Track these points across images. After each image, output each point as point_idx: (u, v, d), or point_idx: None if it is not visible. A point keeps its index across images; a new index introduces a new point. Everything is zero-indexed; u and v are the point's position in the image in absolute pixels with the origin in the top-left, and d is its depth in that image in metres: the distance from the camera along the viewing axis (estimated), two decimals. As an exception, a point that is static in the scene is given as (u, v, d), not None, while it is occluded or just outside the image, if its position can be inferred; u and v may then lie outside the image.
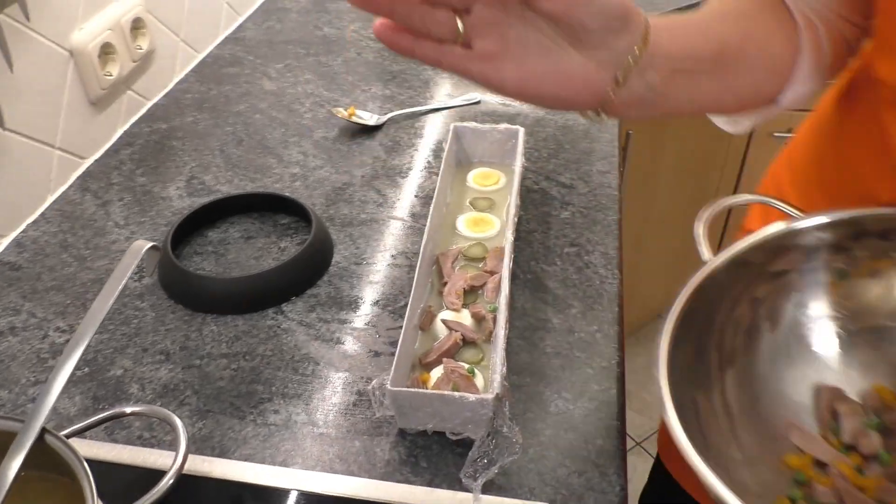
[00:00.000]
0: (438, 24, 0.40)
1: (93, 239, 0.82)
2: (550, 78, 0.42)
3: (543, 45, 0.41)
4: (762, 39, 0.52)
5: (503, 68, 0.41)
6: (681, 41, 0.46)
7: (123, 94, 1.00)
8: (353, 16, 1.30)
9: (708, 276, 0.50)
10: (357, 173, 0.90)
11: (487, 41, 0.40)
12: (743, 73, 0.51)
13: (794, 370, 0.53)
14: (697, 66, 0.47)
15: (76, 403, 0.63)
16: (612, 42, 0.41)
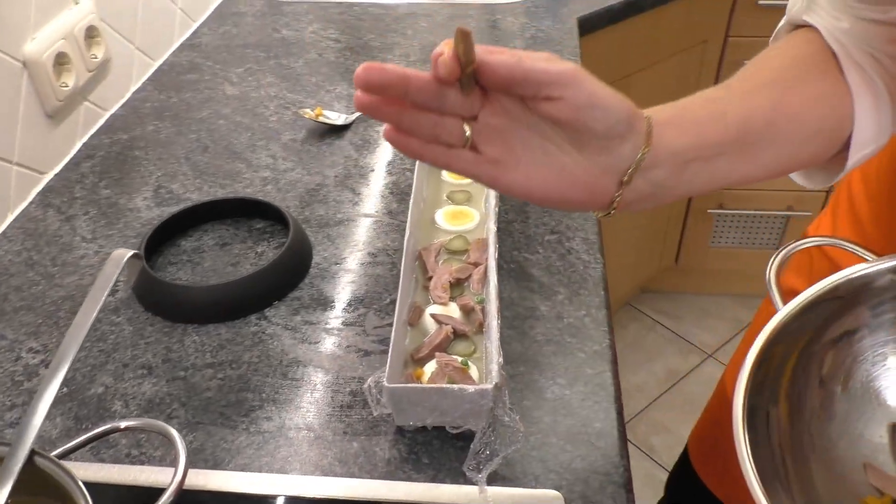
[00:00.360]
0: (446, 132, 0.40)
1: (59, 255, 0.79)
2: (556, 183, 0.42)
3: (549, 149, 0.41)
4: (797, 107, 0.49)
5: (510, 173, 0.42)
6: (691, 133, 0.45)
7: (80, 105, 0.97)
8: (310, 17, 1.29)
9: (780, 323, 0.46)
10: (329, 173, 0.89)
11: (494, 147, 0.41)
12: (771, 148, 0.48)
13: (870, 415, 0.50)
14: (713, 151, 0.46)
15: (57, 425, 0.61)
16: (615, 146, 0.41)
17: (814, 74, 0.50)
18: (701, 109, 0.46)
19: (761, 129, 0.47)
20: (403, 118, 0.40)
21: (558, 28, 1.20)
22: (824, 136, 0.51)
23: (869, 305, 0.50)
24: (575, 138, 0.41)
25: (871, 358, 0.51)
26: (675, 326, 2.04)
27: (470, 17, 1.26)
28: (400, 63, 1.12)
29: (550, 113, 0.39)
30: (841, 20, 0.51)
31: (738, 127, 0.46)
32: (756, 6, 1.50)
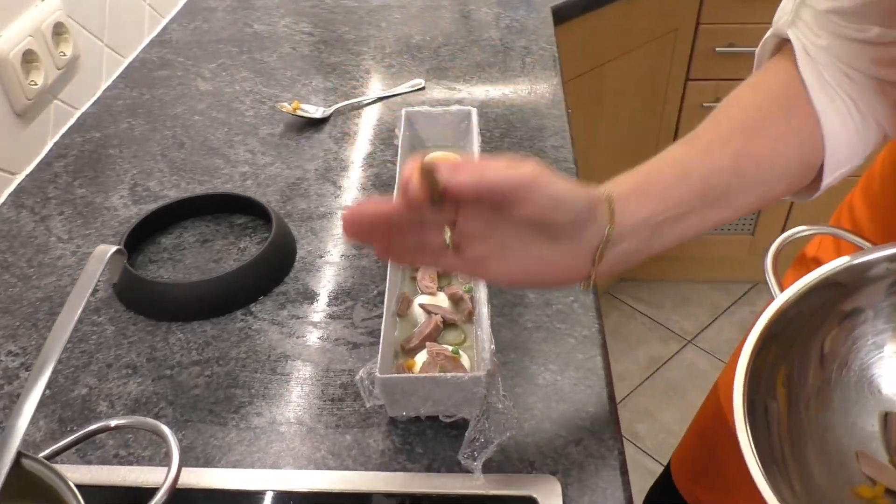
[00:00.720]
0: (429, 241, 0.44)
1: (35, 256, 0.77)
2: (534, 271, 0.45)
3: (524, 243, 0.44)
4: (762, 153, 0.50)
5: (492, 268, 0.45)
6: (655, 199, 0.47)
7: (50, 104, 0.94)
8: (282, 11, 1.27)
9: (778, 311, 0.47)
10: (310, 167, 0.88)
11: (475, 247, 0.44)
12: (740, 194, 0.50)
13: (861, 405, 0.50)
14: (680, 210, 0.48)
15: (41, 428, 0.60)
16: (582, 232, 0.44)
17: (780, 115, 0.52)
18: (664, 173, 0.48)
19: (727, 181, 0.49)
20: (391, 242, 0.44)
21: (532, 17, 1.20)
22: (795, 171, 0.52)
23: (865, 294, 0.51)
24: (545, 231, 0.44)
25: (867, 346, 0.51)
26: (654, 314, 2.05)
27: (443, 7, 1.25)
28: (376, 55, 1.11)
29: (518, 214, 0.42)
30: (820, 37, 0.52)
31: (702, 183, 0.48)
32: (726, -7, 1.51)
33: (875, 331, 0.51)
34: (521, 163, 0.42)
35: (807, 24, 0.53)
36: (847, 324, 0.51)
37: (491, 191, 0.41)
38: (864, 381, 0.51)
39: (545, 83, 1.02)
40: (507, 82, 1.02)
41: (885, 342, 0.51)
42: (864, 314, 0.51)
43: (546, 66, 1.06)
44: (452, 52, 1.11)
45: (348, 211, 0.42)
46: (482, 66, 1.07)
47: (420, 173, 0.40)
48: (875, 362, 0.51)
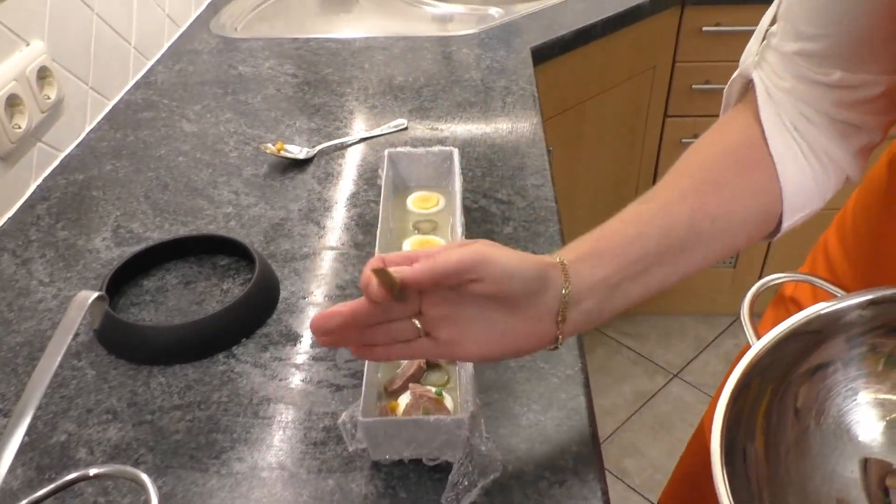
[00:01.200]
0: (401, 332, 0.47)
1: (16, 300, 0.76)
2: (504, 343, 0.48)
3: (488, 318, 0.47)
4: (719, 208, 0.52)
5: (465, 348, 0.48)
6: (610, 261, 0.49)
7: (34, 147, 0.95)
8: (266, 53, 1.29)
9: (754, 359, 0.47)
10: (293, 208, 0.88)
11: (444, 331, 0.47)
12: (698, 248, 0.52)
13: (839, 452, 0.51)
14: (637, 269, 0.50)
15: (18, 476, 0.59)
16: (539, 299, 0.47)
17: (737, 169, 0.53)
18: (618, 234, 0.51)
19: (684, 238, 0.51)
20: (363, 339, 0.47)
21: (513, 58, 1.22)
22: (753, 223, 0.54)
23: (840, 340, 0.51)
24: (503, 303, 0.46)
25: (842, 392, 0.52)
26: (639, 348, 2.06)
27: (425, 48, 1.28)
28: (359, 96, 1.13)
29: (476, 291, 0.45)
30: (784, 79, 0.53)
31: (657, 242, 0.50)
32: (700, 33, 1.55)
33: (847, 378, 0.52)
34: (470, 244, 0.46)
35: (771, 66, 0.54)
36: (819, 375, 0.51)
37: (445, 274, 0.44)
38: (841, 428, 0.51)
39: (525, 122, 1.03)
40: (488, 122, 1.04)
41: (859, 389, 0.52)
42: (833, 365, 0.51)
43: (526, 105, 1.08)
44: (434, 93, 1.13)
45: (317, 317, 0.45)
46: (464, 106, 1.08)
47: (376, 276, 0.43)
48: (851, 409, 0.52)
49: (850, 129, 0.53)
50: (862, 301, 0.49)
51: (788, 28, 0.52)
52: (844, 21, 0.49)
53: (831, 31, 0.49)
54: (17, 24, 0.91)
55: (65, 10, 1.01)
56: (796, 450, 0.50)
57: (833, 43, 0.50)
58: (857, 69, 0.50)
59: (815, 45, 0.51)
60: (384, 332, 0.47)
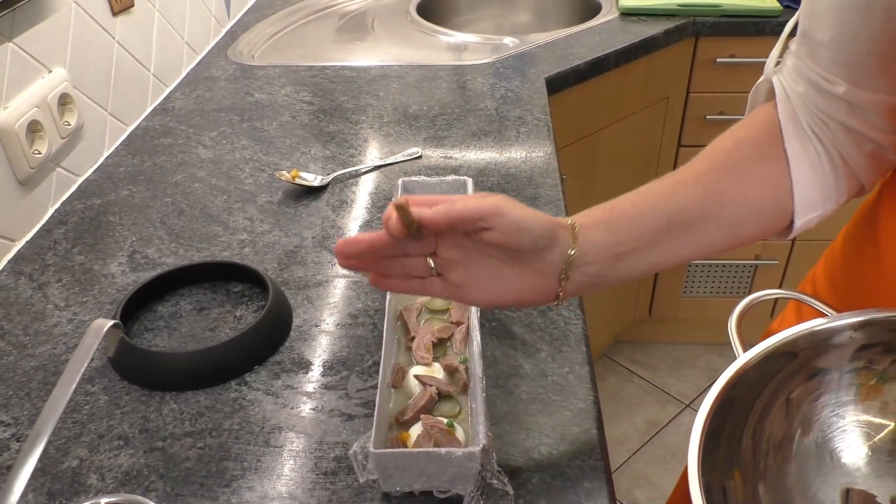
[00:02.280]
0: (415, 268, 0.51)
1: (32, 324, 0.77)
2: (508, 291, 0.52)
3: (496, 267, 0.51)
4: (731, 193, 0.54)
5: (471, 291, 0.52)
6: (619, 230, 0.52)
7: (53, 172, 0.96)
8: (283, 80, 1.31)
9: (739, 372, 0.48)
10: (307, 235, 0.89)
11: (455, 273, 0.51)
12: (706, 231, 0.54)
13: (823, 474, 0.51)
14: (644, 242, 0.52)
15: (30, 502, 0.59)
16: (545, 255, 0.50)
17: (753, 159, 0.55)
18: (630, 207, 0.53)
19: (693, 216, 0.53)
20: (380, 267, 0.51)
21: (527, 88, 1.23)
22: (766, 214, 0.55)
23: (828, 362, 0.51)
24: (512, 255, 0.50)
25: (827, 418, 0.52)
26: (651, 377, 2.04)
27: (440, 77, 1.29)
28: (374, 124, 1.14)
29: (487, 240, 0.48)
30: (798, 84, 0.55)
31: (668, 218, 0.52)
32: (714, 64, 1.56)
33: (834, 403, 0.52)
34: (487, 195, 0.49)
35: (789, 70, 0.56)
36: (808, 395, 0.51)
37: (461, 219, 0.47)
38: (825, 451, 0.51)
39: (540, 152, 1.04)
40: (502, 151, 1.04)
41: (847, 411, 0.52)
42: (825, 385, 0.52)
43: (540, 135, 1.08)
44: (449, 122, 1.14)
45: (341, 242, 0.49)
46: (478, 135, 1.09)
47: (397, 212, 0.46)
48: (836, 432, 0.52)
49: (862, 138, 0.54)
50: (854, 322, 0.50)
51: (805, 34, 0.54)
52: (853, 35, 0.50)
53: (842, 42, 0.51)
54: (40, 52, 0.93)
55: (86, 37, 1.03)
56: (777, 478, 0.50)
57: (843, 51, 0.51)
58: (861, 84, 0.51)
59: (826, 52, 0.52)
60: (400, 265, 0.51)
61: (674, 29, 1.47)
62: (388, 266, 0.51)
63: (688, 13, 1.51)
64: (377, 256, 0.50)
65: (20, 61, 0.89)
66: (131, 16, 1.14)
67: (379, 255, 0.50)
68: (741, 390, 0.48)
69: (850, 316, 0.50)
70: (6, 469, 0.62)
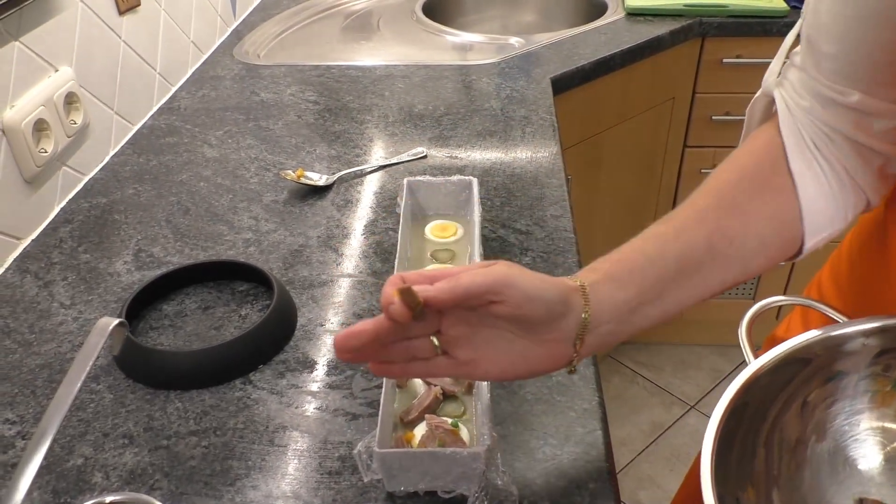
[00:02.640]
0: (419, 350, 0.47)
1: (37, 322, 0.77)
2: (521, 364, 0.48)
3: (506, 339, 0.47)
4: (735, 230, 0.52)
5: (482, 367, 0.48)
6: (630, 284, 0.49)
7: (59, 170, 0.96)
8: (289, 80, 1.31)
9: (751, 378, 0.47)
10: (312, 234, 0.89)
11: (463, 350, 0.47)
12: (716, 270, 0.52)
13: (838, 482, 0.50)
14: (656, 291, 0.50)
15: (34, 500, 0.59)
16: (559, 323, 0.47)
17: (755, 192, 0.53)
18: (637, 257, 0.51)
19: (701, 259, 0.51)
20: (381, 356, 0.47)
21: (532, 88, 1.23)
22: (771, 246, 0.54)
23: (843, 368, 0.51)
24: (523, 326, 0.47)
25: (841, 425, 0.51)
26: (655, 378, 2.04)
27: (446, 77, 1.29)
28: (379, 124, 1.14)
29: (497, 313, 0.45)
30: (804, 98, 0.54)
31: (676, 263, 0.51)
32: (720, 65, 1.55)
33: (851, 405, 0.51)
34: (492, 265, 0.46)
35: (792, 84, 0.55)
36: (821, 402, 0.51)
37: (468, 295, 0.44)
38: (839, 457, 0.51)
39: (545, 152, 1.04)
40: (507, 151, 1.04)
41: (862, 417, 0.51)
42: (836, 391, 0.51)
43: (546, 135, 1.08)
44: (454, 122, 1.13)
45: (340, 336, 0.45)
46: (483, 135, 1.09)
47: (399, 296, 0.43)
48: (851, 438, 0.51)
49: (870, 152, 0.53)
50: (867, 328, 0.49)
51: (810, 47, 0.53)
52: (862, 46, 0.49)
53: (850, 53, 0.50)
54: (47, 51, 0.93)
55: (93, 36, 1.03)
56: (792, 479, 0.49)
57: (852, 62, 0.50)
58: (875, 93, 0.50)
59: (834, 63, 0.51)
60: (402, 349, 0.47)
61: (680, 29, 1.47)
62: (389, 352, 0.47)
63: (694, 13, 1.50)
64: (379, 345, 0.46)
65: (27, 60, 0.90)
66: (137, 15, 1.15)
67: (380, 343, 0.46)
68: (754, 396, 0.47)
69: (865, 322, 0.50)
70: (11, 467, 0.62)
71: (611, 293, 0.49)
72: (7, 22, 0.85)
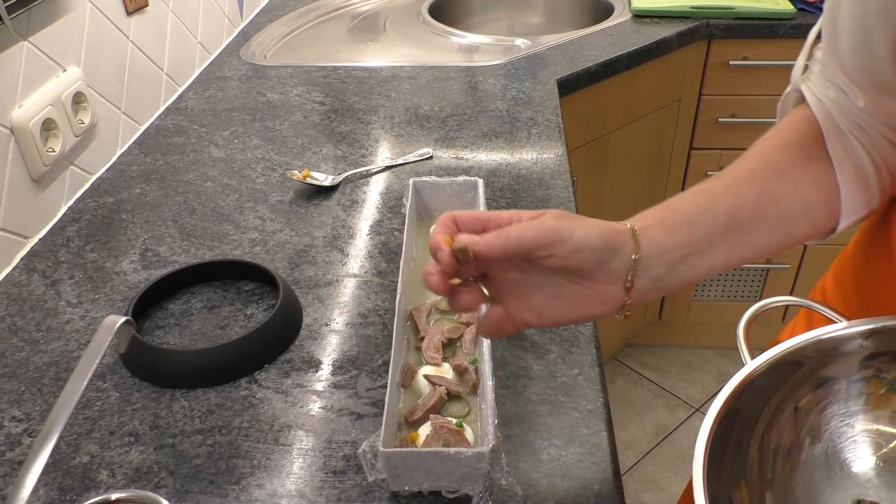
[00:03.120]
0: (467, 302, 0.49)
1: (44, 321, 0.78)
2: (575, 308, 0.49)
3: (558, 284, 0.48)
4: (781, 193, 0.52)
5: (532, 315, 0.49)
6: (681, 231, 0.50)
7: (66, 170, 0.97)
8: (295, 81, 1.31)
9: (745, 380, 0.47)
10: (318, 234, 0.89)
11: (512, 297, 0.49)
12: (763, 232, 0.52)
13: (833, 484, 0.50)
14: (706, 244, 0.50)
15: (40, 497, 0.59)
16: (608, 267, 0.47)
17: (799, 160, 0.54)
18: (688, 208, 0.51)
19: (750, 217, 0.51)
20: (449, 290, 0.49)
21: (538, 89, 1.23)
22: (816, 213, 0.54)
23: (836, 371, 0.51)
24: (574, 273, 0.47)
25: (836, 427, 0.51)
26: (660, 380, 2.03)
27: (452, 78, 1.29)
28: (385, 124, 1.14)
29: (545, 266, 0.47)
30: (829, 89, 0.54)
31: (726, 218, 0.51)
32: (727, 67, 1.55)
33: (844, 412, 0.51)
34: (541, 216, 0.47)
35: (817, 77, 0.56)
36: (816, 403, 0.51)
37: (517, 250, 0.45)
38: (833, 460, 0.51)
39: (551, 153, 1.04)
40: (513, 152, 1.04)
41: (857, 420, 0.51)
42: (831, 393, 0.51)
43: (551, 136, 1.08)
44: (460, 123, 1.14)
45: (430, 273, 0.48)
46: (489, 136, 1.09)
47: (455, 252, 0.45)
48: (846, 440, 0.51)
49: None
50: (865, 329, 0.49)
51: (828, 42, 0.53)
52: (871, 42, 0.49)
53: (860, 49, 0.50)
54: (55, 51, 0.94)
55: (101, 37, 1.04)
56: (786, 482, 0.49)
57: (862, 60, 0.50)
58: (885, 90, 0.50)
59: (847, 59, 0.51)
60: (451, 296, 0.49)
61: (686, 31, 1.47)
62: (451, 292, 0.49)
63: (701, 15, 1.50)
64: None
65: (35, 60, 0.90)
66: (145, 15, 1.15)
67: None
68: (748, 399, 0.48)
69: (858, 324, 0.50)
70: (18, 464, 0.62)
71: (661, 238, 0.49)
72: (16, 22, 0.86)
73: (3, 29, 0.83)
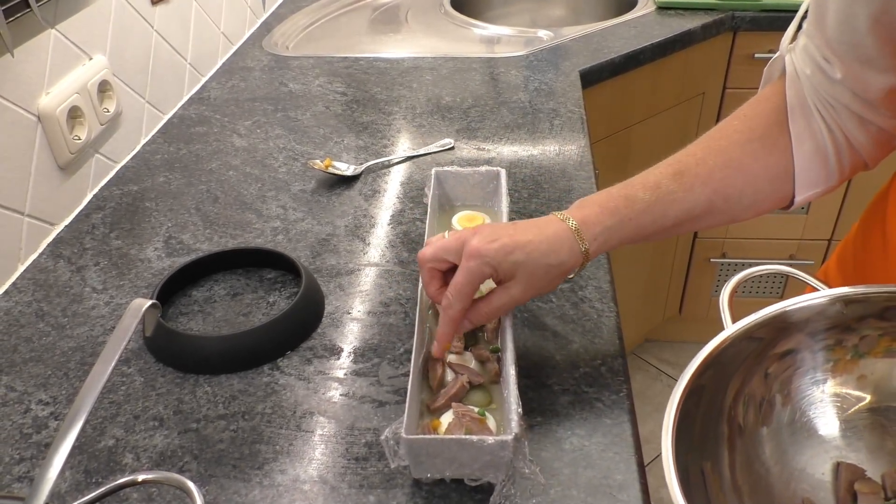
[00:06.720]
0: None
1: (70, 306, 0.78)
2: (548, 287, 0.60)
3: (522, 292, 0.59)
4: (734, 190, 0.59)
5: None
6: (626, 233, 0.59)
7: (92, 158, 0.97)
8: (317, 71, 1.31)
9: (720, 345, 0.50)
10: (340, 223, 0.89)
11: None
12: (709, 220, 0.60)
13: (813, 446, 0.52)
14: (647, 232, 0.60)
15: (66, 479, 0.60)
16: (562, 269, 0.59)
17: (761, 154, 0.58)
18: (641, 215, 0.58)
19: (698, 215, 0.59)
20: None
21: (561, 80, 1.22)
22: (765, 201, 0.60)
23: (808, 336, 0.53)
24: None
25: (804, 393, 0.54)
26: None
27: (474, 70, 1.28)
28: (406, 115, 1.14)
29: None
30: (806, 65, 0.57)
31: (675, 219, 0.59)
32: (752, 59, 1.53)
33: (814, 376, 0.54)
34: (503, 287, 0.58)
35: (800, 50, 0.59)
36: (789, 368, 0.54)
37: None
38: (809, 427, 0.53)
39: (573, 145, 1.03)
40: (535, 143, 1.04)
41: (828, 382, 0.54)
42: (805, 361, 0.54)
43: (574, 128, 1.08)
44: (482, 114, 1.13)
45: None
46: (511, 128, 1.09)
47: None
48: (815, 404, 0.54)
49: (867, 122, 0.56)
50: (841, 294, 0.52)
51: (814, 14, 0.55)
52: (853, 16, 0.51)
53: (843, 21, 0.52)
54: (82, 39, 0.94)
55: (126, 26, 1.04)
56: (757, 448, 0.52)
57: (845, 32, 0.52)
58: (865, 63, 0.52)
59: (831, 32, 0.53)
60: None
61: (711, 23, 1.45)
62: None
63: (726, 7, 1.49)
64: None
65: (62, 48, 0.91)
66: (170, 6, 1.16)
67: None
68: (723, 364, 0.51)
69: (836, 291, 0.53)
70: (45, 446, 0.63)
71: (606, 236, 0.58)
72: (44, 10, 0.86)
73: (31, 16, 0.84)
